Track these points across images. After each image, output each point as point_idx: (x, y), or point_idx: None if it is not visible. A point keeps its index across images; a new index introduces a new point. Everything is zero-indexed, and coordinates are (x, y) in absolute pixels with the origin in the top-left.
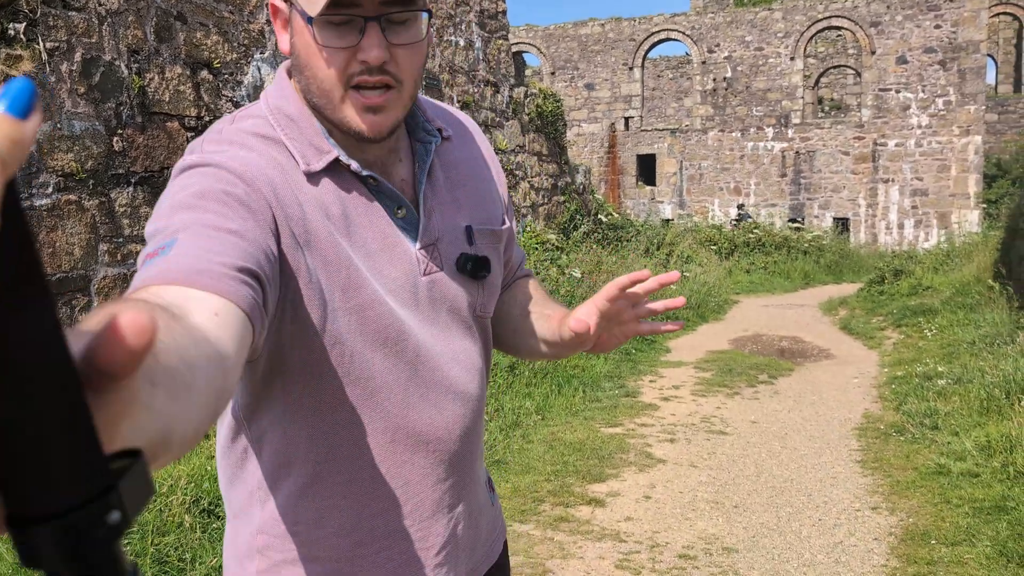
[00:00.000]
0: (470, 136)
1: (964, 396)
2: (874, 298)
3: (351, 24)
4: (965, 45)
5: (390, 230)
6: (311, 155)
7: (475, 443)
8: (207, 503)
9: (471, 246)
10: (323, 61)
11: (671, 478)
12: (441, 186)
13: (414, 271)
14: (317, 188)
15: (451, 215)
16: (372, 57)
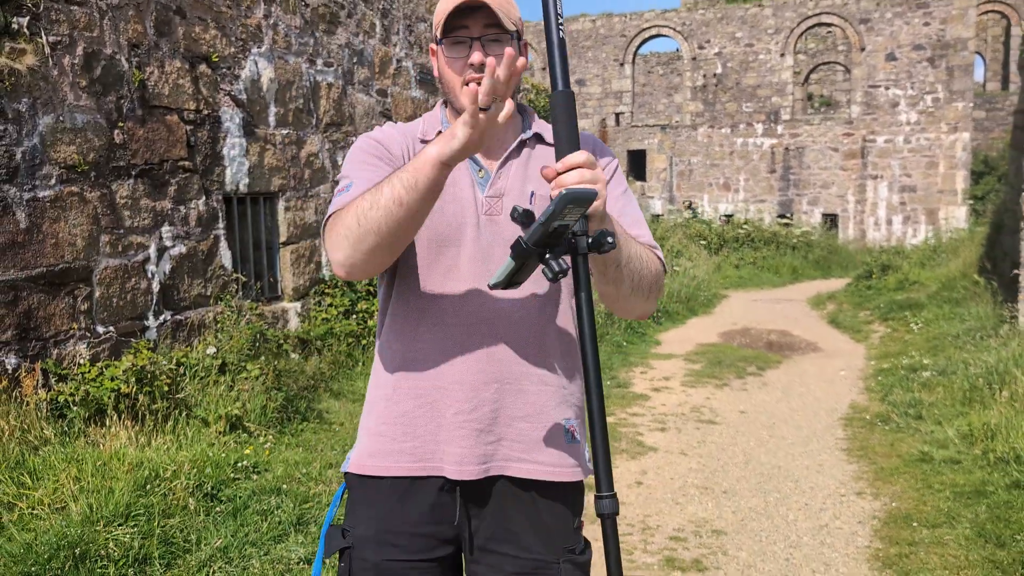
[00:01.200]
0: None
1: (948, 387)
2: (862, 293)
3: (463, 42)
4: (953, 42)
5: (466, 181)
6: (429, 131)
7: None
8: (210, 487)
9: (531, 203)
10: (448, 66)
11: (662, 465)
12: (521, 164)
13: (475, 209)
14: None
15: (520, 182)
16: (479, 58)
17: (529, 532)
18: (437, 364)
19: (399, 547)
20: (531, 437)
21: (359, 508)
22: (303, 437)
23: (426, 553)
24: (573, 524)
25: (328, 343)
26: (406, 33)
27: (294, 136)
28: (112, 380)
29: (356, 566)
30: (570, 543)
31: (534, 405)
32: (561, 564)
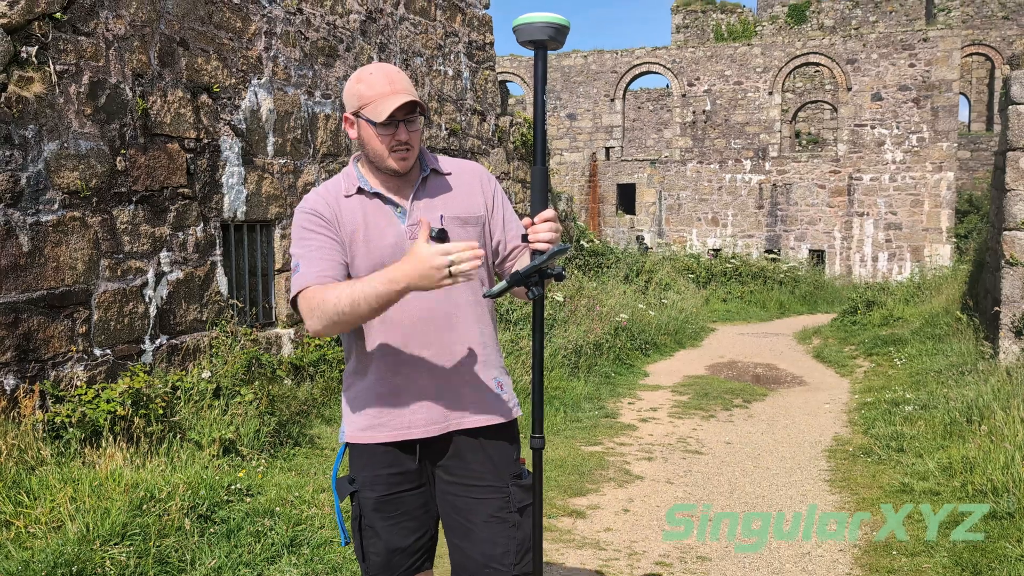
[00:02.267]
0: (465, 172)
1: (929, 421)
2: (847, 328)
3: (392, 124)
4: (938, 84)
5: (388, 219)
6: (350, 188)
7: (449, 333)
8: (204, 508)
9: (441, 223)
10: (376, 138)
11: (648, 493)
12: (426, 194)
13: (402, 238)
14: (348, 201)
15: (429, 210)
16: (404, 137)
17: (483, 466)
18: (397, 355)
19: (387, 483)
20: (473, 397)
21: (356, 462)
22: (295, 462)
23: (408, 484)
24: (514, 457)
25: (320, 369)
26: (402, 67)
27: (291, 165)
28: (108, 402)
29: (364, 503)
30: (515, 471)
31: (471, 372)
32: (510, 487)
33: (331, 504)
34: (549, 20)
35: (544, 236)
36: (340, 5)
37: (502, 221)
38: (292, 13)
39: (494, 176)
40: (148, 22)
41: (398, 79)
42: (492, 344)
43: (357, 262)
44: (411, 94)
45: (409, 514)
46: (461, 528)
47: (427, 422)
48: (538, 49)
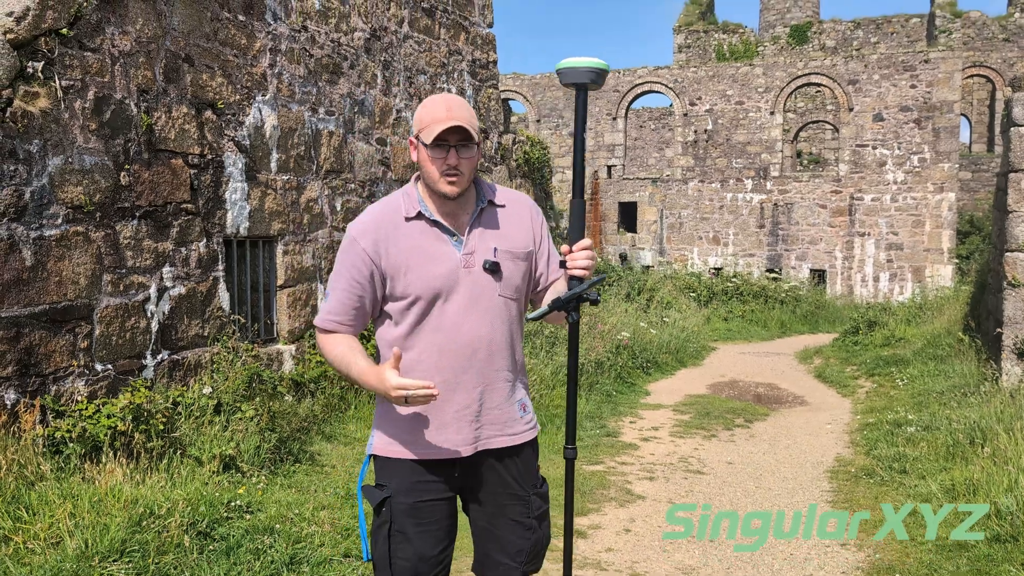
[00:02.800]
0: (519, 205)
1: (932, 442)
2: (848, 348)
3: (443, 148)
4: (940, 105)
5: (445, 246)
6: (410, 210)
7: (494, 360)
8: (204, 525)
9: (494, 256)
10: (430, 161)
11: (650, 513)
12: (482, 226)
13: (457, 266)
14: (408, 225)
15: (484, 241)
16: (453, 162)
17: (507, 477)
18: (443, 376)
19: (425, 491)
20: (500, 420)
21: (387, 472)
22: (295, 478)
23: (442, 493)
24: (534, 468)
25: (321, 386)
26: (406, 85)
27: (295, 182)
28: (109, 418)
29: (396, 509)
30: (535, 481)
31: (500, 397)
32: (531, 496)
33: (331, 522)
34: (591, 65)
35: (581, 263)
36: (345, 23)
37: (547, 254)
38: (297, 31)
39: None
40: (154, 38)
41: (456, 106)
42: (520, 369)
43: (411, 288)
44: (463, 121)
45: (438, 523)
46: (485, 532)
47: (457, 443)
48: (579, 91)
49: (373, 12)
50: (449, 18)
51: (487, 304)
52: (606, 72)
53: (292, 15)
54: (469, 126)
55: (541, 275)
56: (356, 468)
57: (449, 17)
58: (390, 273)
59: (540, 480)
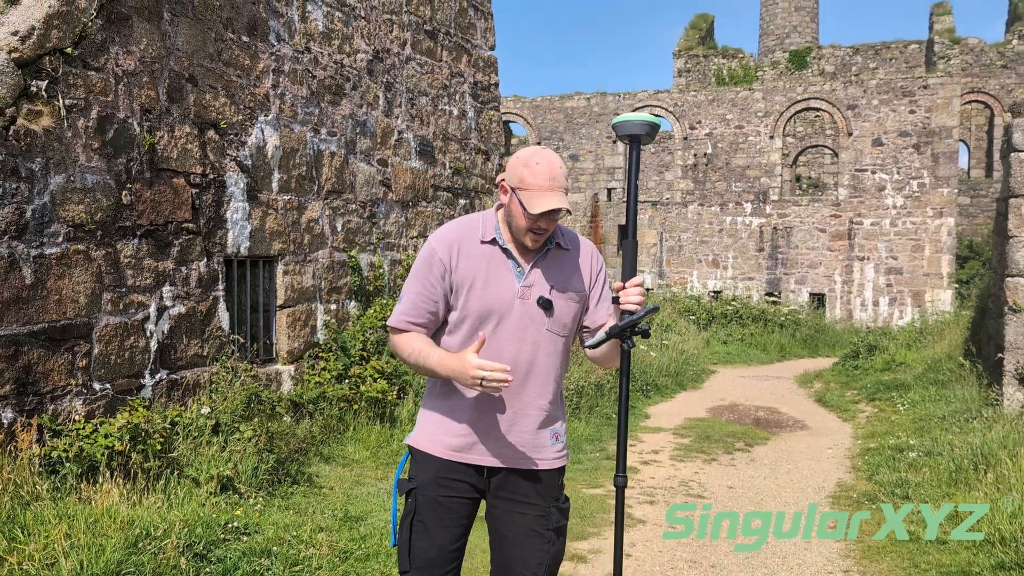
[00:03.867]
0: (580, 248)
1: (934, 468)
2: (848, 372)
3: None
4: (938, 130)
5: (508, 273)
6: (487, 234)
7: (528, 388)
8: (200, 547)
9: (549, 294)
10: (523, 218)
11: (651, 538)
12: (546, 265)
13: (514, 295)
14: (481, 247)
15: (544, 278)
16: (544, 225)
17: (530, 490)
18: (476, 393)
19: (449, 488)
20: (531, 444)
21: (420, 465)
22: (293, 500)
23: (465, 493)
24: (559, 485)
25: (320, 407)
26: (408, 106)
27: (296, 202)
28: (106, 437)
29: (420, 500)
30: (556, 495)
31: (535, 422)
32: (551, 508)
33: (329, 545)
34: (645, 119)
35: (634, 299)
36: (348, 44)
37: (598, 299)
38: (300, 52)
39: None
40: (158, 58)
41: (559, 176)
42: (559, 400)
43: (471, 304)
44: (563, 200)
45: (457, 520)
46: (505, 538)
47: (488, 455)
48: (633, 142)
49: (376, 34)
50: (452, 41)
51: (534, 336)
52: (658, 127)
53: (296, 36)
54: (567, 205)
55: (589, 314)
56: (355, 490)
57: (452, 40)
58: (456, 285)
59: (563, 496)
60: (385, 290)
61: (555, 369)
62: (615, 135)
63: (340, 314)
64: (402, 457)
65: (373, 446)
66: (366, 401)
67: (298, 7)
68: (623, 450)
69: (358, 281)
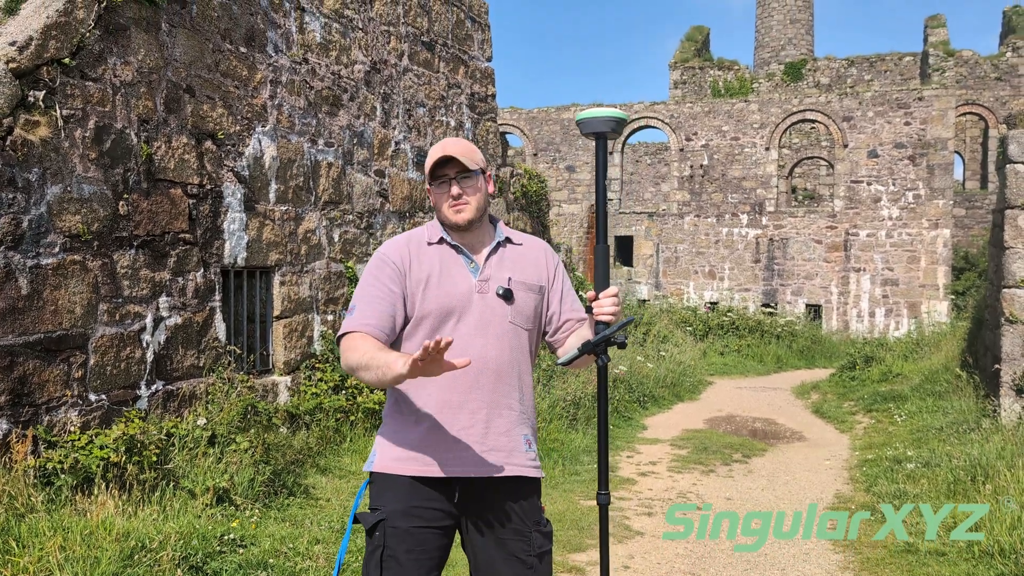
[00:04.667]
0: (534, 247)
1: (932, 479)
2: (845, 383)
3: (445, 182)
4: (933, 142)
5: (462, 269)
6: (432, 236)
7: (500, 385)
8: (197, 559)
9: (508, 284)
10: (434, 195)
11: (649, 550)
12: (499, 258)
13: (471, 288)
14: (430, 249)
15: (499, 271)
16: (454, 192)
17: (509, 512)
18: (446, 394)
19: (421, 517)
20: (507, 447)
21: (386, 494)
22: (289, 512)
23: (438, 522)
24: (538, 506)
25: (317, 418)
26: (405, 117)
27: (293, 213)
28: (102, 449)
29: (390, 533)
30: (537, 518)
31: (507, 426)
32: (532, 533)
33: (326, 557)
34: (609, 114)
35: (608, 310)
36: (345, 56)
37: (560, 294)
38: (298, 63)
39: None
40: (155, 69)
41: (451, 144)
42: (529, 404)
43: (428, 301)
44: (454, 151)
45: (429, 553)
46: (485, 567)
47: (461, 463)
48: (599, 139)
49: (374, 45)
50: (449, 52)
51: (497, 329)
52: (625, 121)
53: (293, 47)
54: (462, 156)
55: (554, 314)
56: (352, 501)
57: (449, 51)
58: (412, 288)
59: (543, 519)
60: None
61: (522, 365)
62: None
63: (337, 325)
64: (360, 488)
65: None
66: (363, 412)
67: (296, 18)
68: (604, 467)
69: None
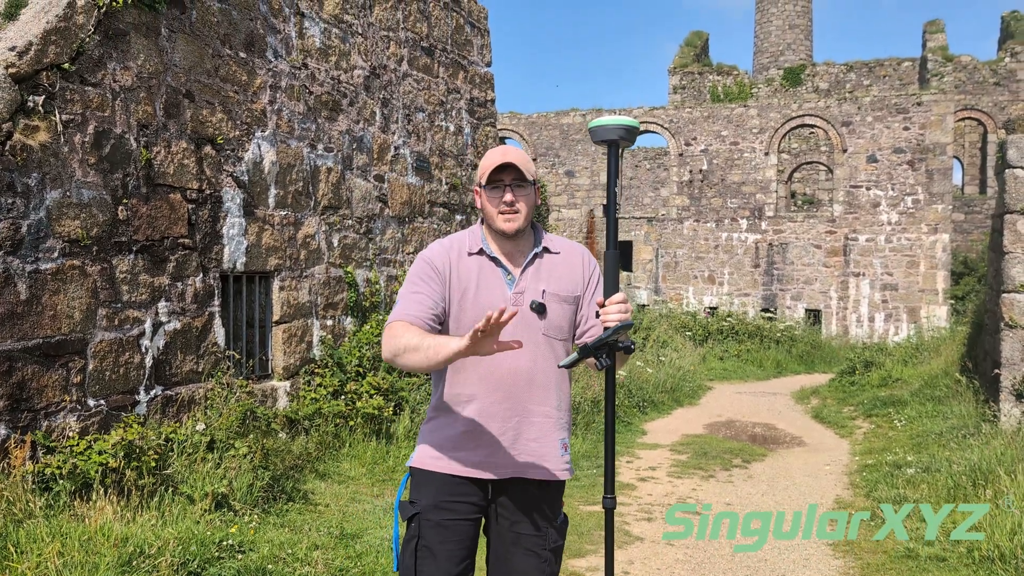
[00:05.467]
0: (572, 254)
1: (932, 484)
2: (845, 388)
3: (499, 188)
4: (932, 147)
5: (499, 281)
6: (473, 246)
7: (532, 394)
8: (195, 565)
9: (541, 298)
10: (489, 202)
11: (648, 555)
12: (535, 269)
13: (506, 301)
14: (470, 259)
15: (535, 283)
16: (508, 199)
17: (531, 508)
18: (481, 402)
19: (454, 511)
20: (540, 452)
21: (422, 488)
22: (288, 517)
23: (470, 515)
24: (560, 503)
25: (316, 423)
26: (404, 122)
27: (292, 217)
28: (100, 454)
29: (424, 525)
30: (556, 513)
31: (541, 430)
32: (549, 528)
33: (325, 563)
34: (621, 123)
35: (613, 317)
36: (345, 61)
37: (591, 300)
38: (297, 68)
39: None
40: (155, 74)
41: (511, 151)
42: (565, 408)
43: (464, 315)
44: (514, 159)
45: (461, 542)
46: (502, 557)
47: (495, 466)
48: (610, 147)
49: (373, 50)
50: (448, 57)
51: (530, 341)
52: (636, 130)
53: (293, 52)
54: (521, 165)
55: (583, 318)
56: (350, 507)
57: (448, 56)
58: (450, 296)
59: (562, 515)
60: (381, 306)
61: (558, 374)
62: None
63: (336, 330)
64: (402, 479)
65: (369, 463)
66: (362, 417)
67: (296, 24)
68: (611, 471)
69: (354, 297)
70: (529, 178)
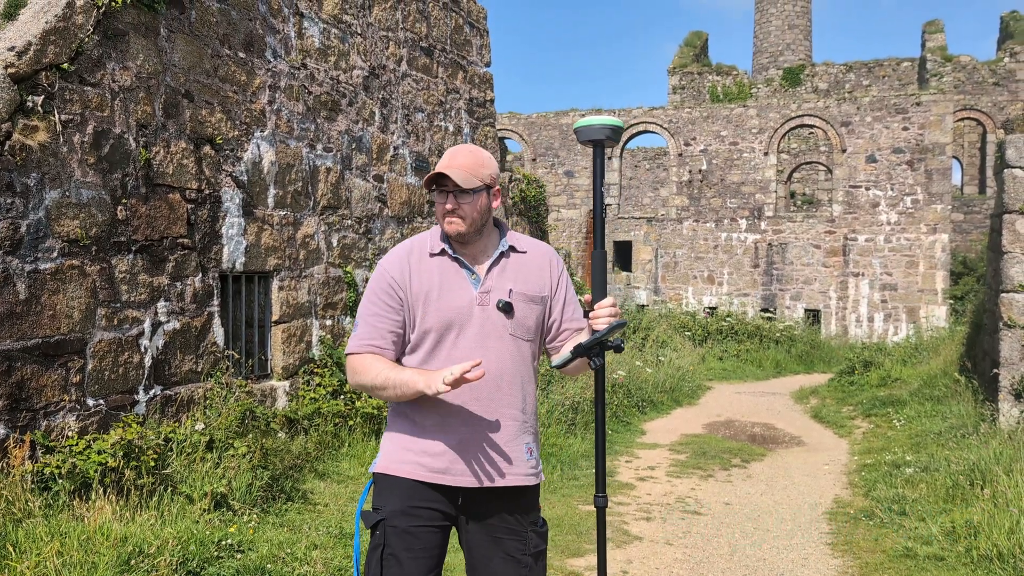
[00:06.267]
0: (539, 254)
1: (931, 484)
2: (844, 388)
3: (442, 194)
4: (932, 147)
5: (463, 282)
6: (434, 246)
7: (500, 396)
8: (194, 565)
9: (508, 297)
10: (439, 207)
11: (647, 555)
12: (501, 268)
13: (472, 301)
14: (431, 260)
15: (501, 282)
16: (448, 207)
17: (506, 513)
18: (446, 406)
19: (420, 517)
20: (507, 459)
21: (386, 494)
22: (287, 517)
23: (436, 521)
24: (536, 507)
25: (315, 423)
26: (404, 122)
27: (291, 217)
28: (99, 454)
29: (390, 532)
30: (534, 519)
31: (508, 435)
32: (528, 532)
33: (324, 562)
34: (606, 122)
35: (604, 323)
36: (344, 61)
37: (562, 302)
38: (297, 68)
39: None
40: (154, 74)
41: (457, 156)
42: (531, 412)
43: (429, 316)
44: (454, 168)
45: (428, 551)
46: (481, 565)
47: (462, 473)
48: (596, 147)
49: (372, 51)
50: (447, 57)
51: (497, 341)
52: (621, 129)
53: (292, 53)
54: (460, 174)
55: (554, 322)
56: (350, 507)
57: (447, 56)
58: (412, 302)
59: (540, 520)
60: None
61: (524, 375)
62: (577, 139)
63: (335, 330)
64: (364, 489)
65: (368, 462)
66: (361, 417)
67: (295, 24)
68: (601, 470)
69: (354, 297)
70: (470, 187)
